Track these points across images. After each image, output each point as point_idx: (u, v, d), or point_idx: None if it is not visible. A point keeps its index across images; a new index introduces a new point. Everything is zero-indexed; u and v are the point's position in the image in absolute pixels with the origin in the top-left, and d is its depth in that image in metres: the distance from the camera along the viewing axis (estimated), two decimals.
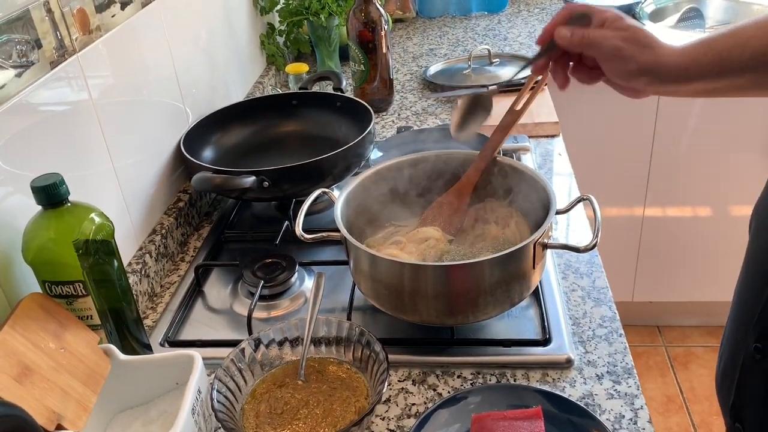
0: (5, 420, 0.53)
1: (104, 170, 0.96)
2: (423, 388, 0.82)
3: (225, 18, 1.47)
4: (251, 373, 0.81)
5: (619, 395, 0.79)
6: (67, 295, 0.75)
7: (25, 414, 0.56)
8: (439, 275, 0.79)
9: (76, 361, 0.71)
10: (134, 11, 1.05)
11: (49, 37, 0.84)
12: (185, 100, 1.23)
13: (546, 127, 1.38)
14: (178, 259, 1.11)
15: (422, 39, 1.98)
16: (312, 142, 1.26)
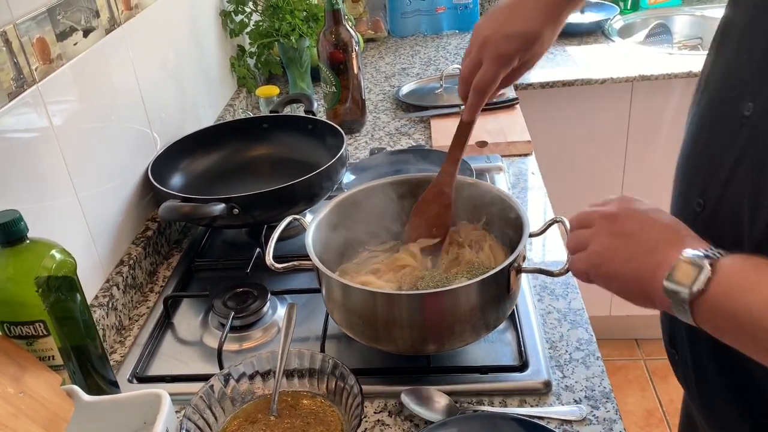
0: None
1: (67, 201, 0.93)
2: (399, 419, 0.81)
3: (194, 41, 1.45)
4: (222, 409, 0.79)
5: (598, 421, 0.78)
6: (27, 336, 0.72)
7: None
8: (413, 304, 0.78)
9: (37, 406, 0.68)
10: (98, 38, 1.03)
11: (7, 67, 0.82)
12: (153, 126, 1.21)
13: (519, 146, 1.38)
14: (147, 290, 1.08)
15: (394, 58, 1.98)
16: (284, 166, 1.25)
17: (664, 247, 0.60)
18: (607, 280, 0.65)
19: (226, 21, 1.65)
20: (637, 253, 0.62)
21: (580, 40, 2.00)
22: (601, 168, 1.92)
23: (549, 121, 1.81)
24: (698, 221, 0.66)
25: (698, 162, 0.70)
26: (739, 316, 0.53)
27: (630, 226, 0.64)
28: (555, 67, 1.83)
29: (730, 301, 0.54)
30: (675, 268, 0.57)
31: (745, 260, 0.55)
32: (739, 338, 0.55)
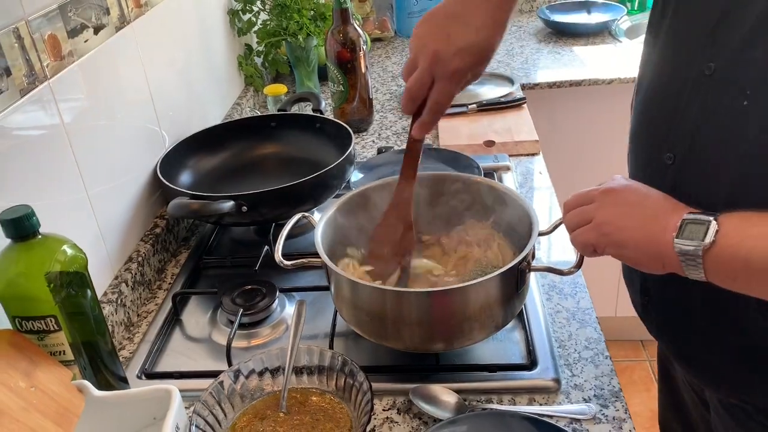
0: None
1: (78, 198, 0.93)
2: (408, 417, 0.81)
3: (202, 40, 1.45)
4: (231, 405, 0.79)
5: (607, 419, 0.78)
6: (38, 331, 0.73)
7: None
8: (421, 302, 0.78)
9: (48, 400, 0.68)
10: (108, 36, 1.04)
11: (19, 63, 0.82)
12: (161, 123, 1.21)
13: (526, 146, 1.38)
14: (156, 287, 1.09)
15: (401, 58, 1.98)
16: (291, 165, 1.25)
17: (665, 213, 0.65)
18: (619, 248, 0.69)
19: (234, 20, 1.65)
20: (644, 220, 0.66)
21: (587, 41, 2.00)
22: (608, 168, 1.90)
23: (556, 121, 1.81)
24: (669, 172, 0.70)
25: (662, 116, 0.72)
26: (752, 261, 0.58)
27: (633, 197, 0.69)
28: (562, 68, 1.83)
29: (742, 249, 0.58)
30: (683, 227, 0.62)
31: (741, 214, 0.60)
32: (752, 283, 0.60)
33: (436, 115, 0.82)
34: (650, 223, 0.66)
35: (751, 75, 0.61)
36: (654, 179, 0.71)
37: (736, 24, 0.62)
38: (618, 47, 1.95)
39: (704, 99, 0.66)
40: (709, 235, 0.60)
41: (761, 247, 0.57)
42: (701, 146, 0.67)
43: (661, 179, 0.71)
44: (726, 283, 0.62)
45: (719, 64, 0.64)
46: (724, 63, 0.64)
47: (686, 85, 0.68)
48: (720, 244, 0.59)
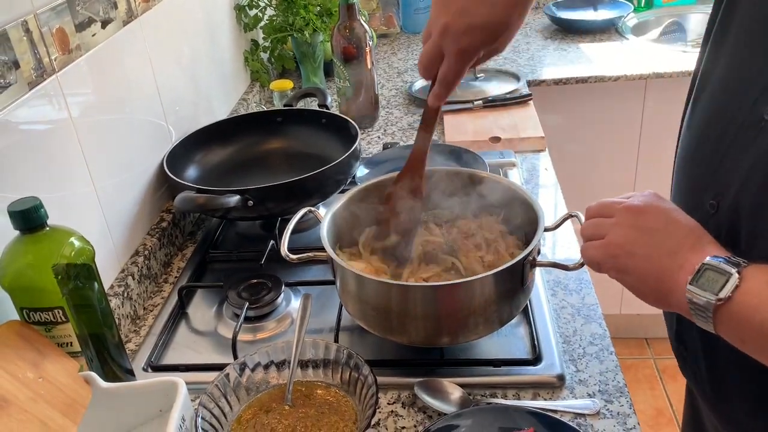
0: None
1: (85, 191, 0.94)
2: (413, 411, 0.81)
3: (208, 35, 1.46)
4: (236, 398, 0.79)
5: (612, 415, 0.78)
6: (46, 322, 0.73)
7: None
8: (427, 296, 0.78)
9: (56, 391, 0.69)
10: (115, 30, 1.04)
11: (28, 57, 0.82)
12: (168, 118, 1.22)
13: (532, 142, 1.38)
14: (162, 281, 1.09)
15: (407, 54, 1.98)
16: (297, 160, 1.25)
17: (686, 250, 0.59)
18: (622, 273, 0.65)
19: (240, 15, 1.65)
20: (659, 252, 0.61)
21: (594, 38, 2.00)
22: (615, 165, 1.91)
23: (562, 117, 1.80)
24: (711, 222, 0.65)
25: (708, 162, 0.67)
26: (765, 328, 0.53)
27: (654, 223, 0.63)
28: (568, 65, 1.82)
29: (758, 313, 0.53)
30: (701, 273, 0.56)
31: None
32: (765, 349, 0.55)
33: (447, 89, 0.79)
34: (665, 257, 0.61)
35: None
36: None
37: None
38: (624, 44, 1.95)
39: (760, 146, 0.60)
40: (726, 289, 0.55)
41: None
42: (748, 198, 0.61)
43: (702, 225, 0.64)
44: (735, 342, 0.57)
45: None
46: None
47: (739, 129, 0.63)
48: (736, 301, 0.54)
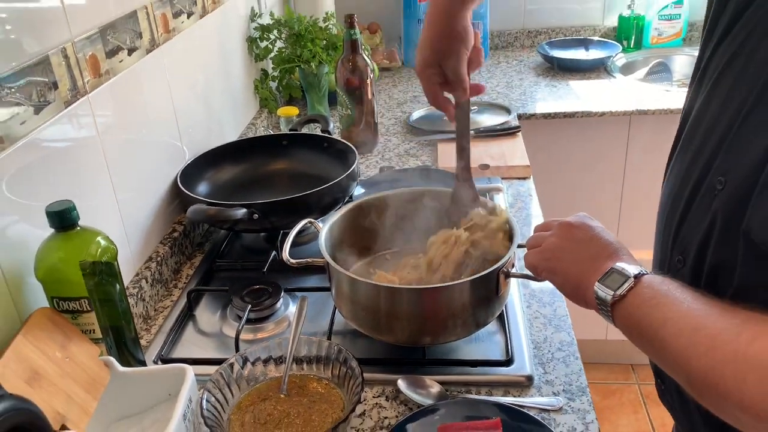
0: (22, 412, 0.60)
1: (108, 201, 1.04)
2: (395, 403, 0.90)
3: (222, 64, 1.58)
4: (237, 387, 0.88)
5: (573, 410, 0.87)
6: (73, 311, 0.83)
7: (38, 409, 0.63)
8: (412, 297, 0.88)
9: (80, 370, 0.78)
10: (140, 57, 1.16)
11: (65, 79, 0.94)
12: (183, 139, 1.33)
13: (518, 170, 1.48)
14: (172, 286, 1.19)
15: (407, 87, 2.10)
16: (300, 180, 1.36)
17: (604, 258, 0.72)
18: (551, 274, 0.79)
19: (252, 47, 1.78)
20: (581, 258, 0.75)
21: (584, 76, 2.12)
22: (599, 196, 2.01)
23: (549, 149, 1.91)
24: (679, 275, 0.72)
25: (676, 221, 0.76)
26: (643, 325, 0.64)
27: (580, 235, 0.77)
28: (558, 100, 1.94)
29: (639, 311, 0.64)
30: (608, 274, 0.68)
31: (663, 281, 0.65)
32: (641, 343, 0.66)
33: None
34: (586, 262, 0.73)
35: None
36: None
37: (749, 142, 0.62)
38: (612, 82, 2.07)
39: (713, 211, 0.67)
40: (622, 288, 0.66)
41: (653, 317, 0.62)
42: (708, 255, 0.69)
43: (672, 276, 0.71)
44: (626, 335, 0.67)
45: (729, 180, 0.65)
46: (732, 179, 0.64)
47: (699, 196, 0.70)
48: (627, 300, 0.65)
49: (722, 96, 0.69)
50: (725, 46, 0.71)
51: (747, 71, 0.65)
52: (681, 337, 0.60)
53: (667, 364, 0.63)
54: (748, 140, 0.63)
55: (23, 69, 0.84)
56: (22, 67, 0.84)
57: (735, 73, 0.68)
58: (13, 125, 0.82)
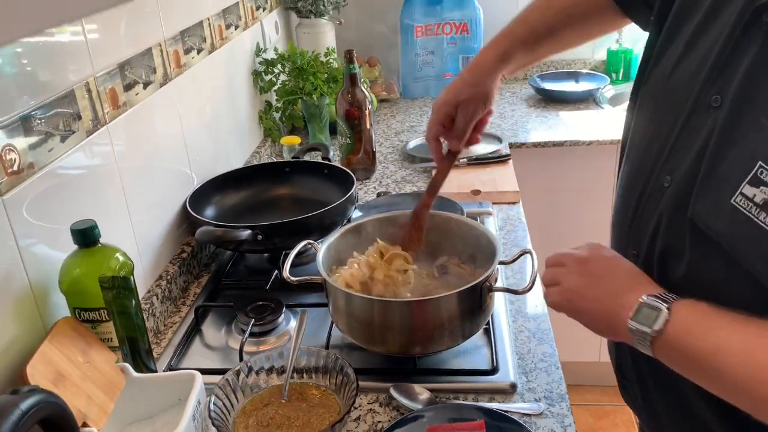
0: (52, 405, 0.67)
1: (124, 222, 1.13)
2: (388, 409, 0.97)
3: (229, 96, 1.68)
4: (242, 393, 0.96)
5: (553, 415, 0.94)
6: (93, 320, 0.91)
7: (65, 404, 0.70)
8: (403, 309, 0.95)
9: (99, 374, 0.86)
10: (154, 90, 1.25)
11: (87, 110, 1.03)
12: (192, 166, 1.42)
13: (508, 195, 1.57)
14: (180, 303, 1.27)
15: (404, 117, 2.20)
16: (302, 204, 1.44)
17: (626, 291, 0.73)
18: (577, 314, 0.80)
19: (257, 80, 1.88)
20: (604, 294, 0.76)
21: (573, 107, 2.21)
22: (587, 221, 2.09)
23: (540, 176, 2.00)
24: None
25: (630, 220, 0.82)
26: (689, 355, 0.67)
27: (598, 270, 0.79)
28: (548, 130, 2.03)
29: (682, 343, 0.67)
30: (638, 311, 0.70)
31: (695, 305, 0.68)
32: (687, 371, 0.69)
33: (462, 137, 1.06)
34: (610, 298, 0.74)
35: None
36: None
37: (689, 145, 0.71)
38: (600, 113, 2.16)
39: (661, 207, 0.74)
40: (659, 323, 0.67)
41: (700, 347, 0.65)
42: (657, 248, 0.75)
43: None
44: (670, 365, 0.70)
45: (675, 178, 0.73)
46: (678, 176, 0.72)
47: (648, 194, 0.78)
48: (667, 332, 0.67)
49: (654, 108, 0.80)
50: None
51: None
52: (739, 365, 0.63)
53: (727, 392, 0.66)
54: (691, 142, 0.71)
55: (52, 101, 0.93)
56: (51, 99, 0.93)
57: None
58: (43, 152, 0.91)
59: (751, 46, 0.65)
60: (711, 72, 0.70)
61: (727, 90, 0.67)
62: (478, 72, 1.05)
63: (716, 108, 0.68)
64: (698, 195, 0.68)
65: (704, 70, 0.71)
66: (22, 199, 0.86)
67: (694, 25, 0.75)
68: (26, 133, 0.88)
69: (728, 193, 0.64)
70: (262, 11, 1.97)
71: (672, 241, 0.73)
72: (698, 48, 0.73)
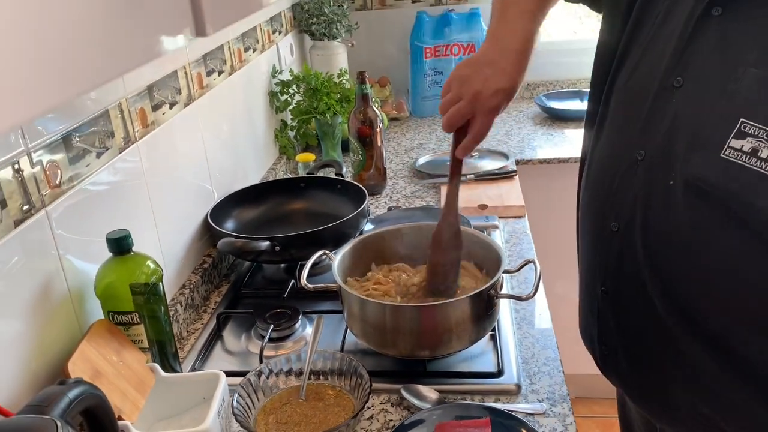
0: (94, 396, 0.74)
1: (151, 233, 1.20)
2: (399, 408, 1.03)
3: (246, 115, 1.76)
4: (262, 393, 1.02)
5: (555, 414, 0.99)
6: (125, 323, 0.98)
7: (105, 397, 0.77)
8: (413, 314, 1.02)
9: (131, 373, 0.93)
10: (178, 110, 1.33)
11: (120, 129, 1.11)
12: (212, 181, 1.49)
13: (514, 210, 1.63)
14: (202, 311, 1.33)
15: (414, 135, 2.28)
16: (316, 217, 1.51)
17: None
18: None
19: (273, 100, 1.96)
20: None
21: (578, 125, 2.28)
22: None
23: (545, 191, 2.06)
24: (615, 239, 0.85)
25: (606, 196, 0.87)
26: None
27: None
28: (553, 147, 2.10)
29: None
30: None
31: None
32: None
33: (477, 142, 1.06)
34: None
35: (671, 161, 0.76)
36: (602, 244, 0.88)
37: (658, 122, 0.79)
38: None
39: (638, 180, 0.81)
40: None
41: None
42: (641, 216, 0.81)
43: (608, 243, 0.86)
44: None
45: (620, 223, 0.83)
46: (626, 220, 0.82)
47: (623, 167, 0.84)
48: None
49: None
50: None
51: None
52: None
53: None
54: (659, 119, 0.79)
55: (90, 121, 1.01)
56: (89, 119, 1.01)
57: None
58: (81, 167, 0.98)
59: (703, 33, 0.75)
60: (671, 59, 0.78)
61: (687, 72, 0.76)
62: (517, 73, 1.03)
63: (678, 87, 0.77)
64: (687, 157, 0.74)
65: (665, 59, 0.79)
66: (63, 210, 0.94)
67: (653, 28, 0.83)
68: (67, 150, 0.95)
69: (717, 149, 0.71)
70: (278, 34, 2.06)
71: (652, 206, 0.79)
72: (657, 44, 0.82)
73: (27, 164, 0.87)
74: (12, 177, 0.84)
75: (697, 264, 0.76)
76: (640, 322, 0.84)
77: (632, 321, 0.86)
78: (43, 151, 0.90)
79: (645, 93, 0.82)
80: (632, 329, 0.87)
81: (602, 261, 0.90)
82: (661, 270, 0.79)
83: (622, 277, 0.86)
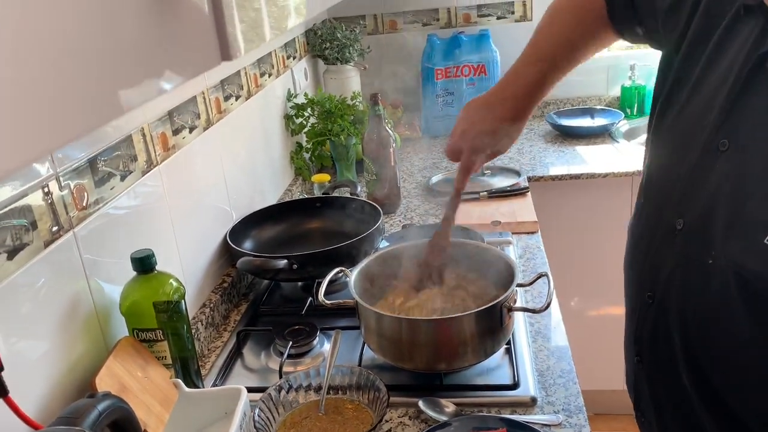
0: (122, 409, 0.77)
1: (173, 253, 1.24)
2: (417, 422, 1.05)
3: (263, 138, 1.80)
4: (282, 407, 1.04)
5: (571, 425, 1.01)
6: (149, 340, 1.01)
7: (132, 410, 0.80)
8: (429, 327, 1.04)
9: (155, 388, 0.95)
10: (198, 134, 1.37)
11: (142, 153, 1.15)
12: (231, 203, 1.53)
13: (526, 225, 1.65)
14: (222, 329, 1.36)
15: (427, 155, 2.31)
16: (332, 236, 1.54)
17: None
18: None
19: (288, 123, 2.01)
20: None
21: (589, 141, 2.30)
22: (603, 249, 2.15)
23: (557, 207, 2.08)
24: (650, 310, 0.85)
25: (643, 264, 0.87)
26: None
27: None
28: (565, 164, 2.12)
29: None
30: None
31: None
32: None
33: (464, 174, 1.09)
34: None
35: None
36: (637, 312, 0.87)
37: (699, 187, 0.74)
38: (616, 147, 2.25)
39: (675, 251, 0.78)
40: None
41: None
42: (672, 291, 0.79)
43: (644, 312, 0.84)
44: None
45: (687, 220, 0.76)
46: (690, 218, 0.76)
47: (662, 239, 0.81)
48: None
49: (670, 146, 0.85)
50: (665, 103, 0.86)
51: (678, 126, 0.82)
52: None
53: None
54: (701, 185, 0.74)
55: (114, 145, 1.05)
56: (113, 143, 1.05)
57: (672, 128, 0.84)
58: (106, 190, 1.02)
59: (755, 91, 0.68)
60: (719, 116, 0.72)
61: (735, 135, 0.70)
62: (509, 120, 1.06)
63: (724, 152, 0.71)
64: (727, 237, 0.69)
65: (712, 113, 0.74)
66: (89, 231, 0.98)
67: (700, 68, 0.79)
68: (93, 173, 0.99)
69: (760, 233, 0.65)
70: (293, 59, 2.11)
71: (690, 284, 0.76)
72: (704, 89, 0.77)
73: (56, 187, 0.91)
74: (42, 200, 0.88)
75: (731, 361, 0.73)
76: (670, 394, 0.82)
77: (663, 392, 0.85)
78: (71, 174, 0.94)
79: (690, 146, 0.76)
80: (663, 400, 0.86)
81: (637, 329, 0.89)
82: (697, 358, 0.76)
83: (657, 349, 0.85)
